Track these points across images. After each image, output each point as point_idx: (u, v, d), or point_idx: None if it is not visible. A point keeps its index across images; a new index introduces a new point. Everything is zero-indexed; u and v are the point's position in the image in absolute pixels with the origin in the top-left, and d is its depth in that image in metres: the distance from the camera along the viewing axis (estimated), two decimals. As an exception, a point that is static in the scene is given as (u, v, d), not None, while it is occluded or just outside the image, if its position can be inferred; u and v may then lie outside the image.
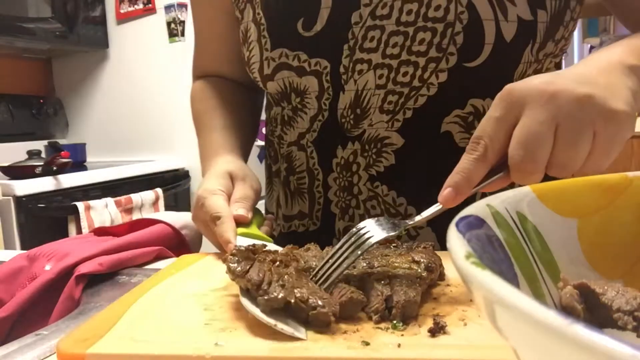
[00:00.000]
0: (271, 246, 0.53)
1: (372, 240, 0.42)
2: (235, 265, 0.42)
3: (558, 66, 0.66)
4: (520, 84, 0.40)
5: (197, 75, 0.84)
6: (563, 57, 0.66)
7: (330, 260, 0.43)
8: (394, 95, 0.60)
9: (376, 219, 0.45)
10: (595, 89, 0.39)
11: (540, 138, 0.38)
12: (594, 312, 0.27)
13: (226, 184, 0.62)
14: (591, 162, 0.40)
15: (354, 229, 0.44)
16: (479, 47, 0.57)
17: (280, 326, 0.36)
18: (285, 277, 0.40)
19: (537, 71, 0.61)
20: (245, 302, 0.39)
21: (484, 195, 0.62)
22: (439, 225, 0.62)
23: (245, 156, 0.74)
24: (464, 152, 0.61)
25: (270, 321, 0.36)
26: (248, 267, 0.41)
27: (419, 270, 0.44)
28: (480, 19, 0.56)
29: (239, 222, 0.58)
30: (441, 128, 0.61)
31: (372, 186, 0.63)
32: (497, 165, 0.41)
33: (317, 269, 0.44)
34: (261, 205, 0.70)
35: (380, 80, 0.60)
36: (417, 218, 0.44)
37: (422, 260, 0.45)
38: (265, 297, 0.38)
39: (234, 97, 0.79)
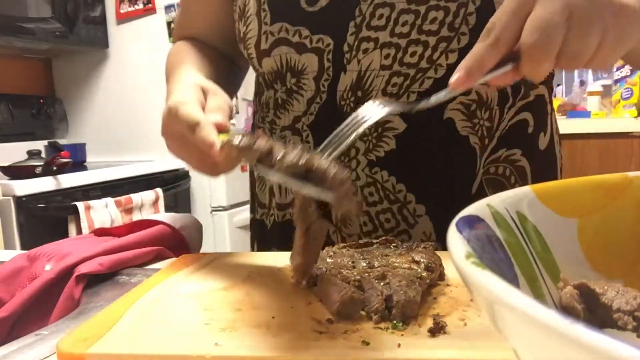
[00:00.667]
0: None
1: (375, 117, 0.42)
2: (240, 138, 0.40)
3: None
4: None
5: (178, 38, 0.80)
6: None
7: (334, 138, 0.42)
8: (399, 77, 0.59)
9: (386, 100, 0.44)
10: None
11: (553, 25, 0.39)
12: (594, 312, 0.27)
13: (198, 95, 0.55)
14: (599, 55, 0.41)
15: (358, 110, 0.44)
16: None
17: (307, 189, 0.35)
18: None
19: None
20: (265, 171, 0.38)
21: (482, 194, 0.63)
22: (436, 214, 0.62)
23: None
24: (465, 140, 0.61)
25: (296, 183, 0.35)
26: (254, 141, 0.39)
27: (419, 270, 0.44)
28: (492, 1, 0.56)
29: (218, 130, 0.51)
30: (444, 114, 0.60)
31: (371, 172, 0.62)
32: (508, 57, 0.42)
33: (322, 146, 0.42)
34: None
35: (386, 60, 0.59)
36: (429, 100, 0.44)
37: (422, 260, 0.45)
38: (285, 163, 0.36)
39: (214, 55, 0.75)
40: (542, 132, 0.67)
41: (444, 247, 0.55)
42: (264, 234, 0.75)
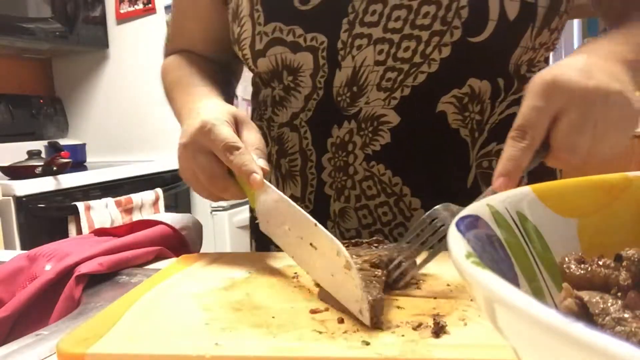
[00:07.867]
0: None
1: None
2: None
3: (547, 61, 0.68)
4: (562, 76, 0.44)
5: (169, 53, 0.81)
6: (552, 55, 0.69)
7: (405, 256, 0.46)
8: (393, 71, 0.60)
9: (445, 205, 0.48)
10: (624, 85, 0.45)
11: (584, 132, 0.44)
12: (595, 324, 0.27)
13: (232, 120, 0.56)
14: (596, 147, 0.46)
15: (426, 218, 0.47)
16: (483, 22, 0.57)
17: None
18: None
19: (530, 60, 0.63)
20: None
21: (477, 189, 0.62)
22: (431, 208, 0.62)
23: None
24: (456, 134, 0.62)
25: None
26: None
27: (373, 269, 0.44)
28: None
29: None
30: (437, 108, 0.61)
31: (368, 166, 0.63)
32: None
33: (393, 267, 0.46)
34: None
35: (380, 55, 0.60)
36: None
37: (366, 257, 0.45)
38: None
39: (209, 67, 0.75)
40: None
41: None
42: (260, 232, 0.75)
